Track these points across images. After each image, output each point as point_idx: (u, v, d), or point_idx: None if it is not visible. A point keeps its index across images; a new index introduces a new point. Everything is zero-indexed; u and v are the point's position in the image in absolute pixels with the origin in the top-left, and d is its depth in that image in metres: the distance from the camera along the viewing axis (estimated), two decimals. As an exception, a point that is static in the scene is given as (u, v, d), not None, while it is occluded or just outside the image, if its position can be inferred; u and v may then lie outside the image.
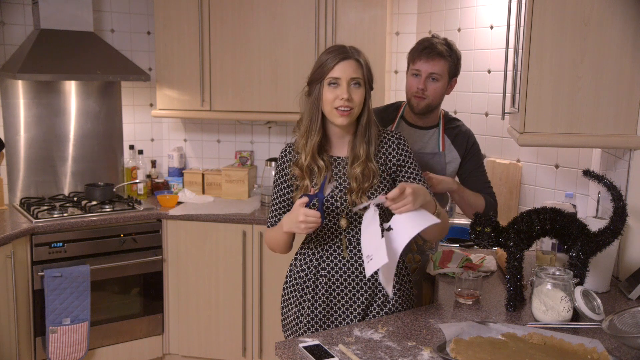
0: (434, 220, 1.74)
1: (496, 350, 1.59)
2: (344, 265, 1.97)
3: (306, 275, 2.00)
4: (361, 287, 1.97)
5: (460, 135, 2.51)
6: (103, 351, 3.49)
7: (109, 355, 3.52)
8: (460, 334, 1.68)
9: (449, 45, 2.42)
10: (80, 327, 3.29)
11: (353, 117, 1.89)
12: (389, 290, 1.82)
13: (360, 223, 1.90)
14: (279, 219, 2.03)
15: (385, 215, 1.90)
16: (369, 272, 1.79)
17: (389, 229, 1.79)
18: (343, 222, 1.95)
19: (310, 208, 1.84)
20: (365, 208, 1.85)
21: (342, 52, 1.88)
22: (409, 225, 1.75)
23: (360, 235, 1.92)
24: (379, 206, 1.83)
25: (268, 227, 2.10)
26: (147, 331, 3.63)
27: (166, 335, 3.70)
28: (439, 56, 2.37)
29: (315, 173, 1.94)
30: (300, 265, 2.03)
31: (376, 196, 1.90)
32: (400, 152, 1.98)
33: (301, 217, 1.81)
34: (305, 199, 1.83)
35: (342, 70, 1.86)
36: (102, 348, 3.49)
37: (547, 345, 1.64)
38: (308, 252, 2.02)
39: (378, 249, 1.75)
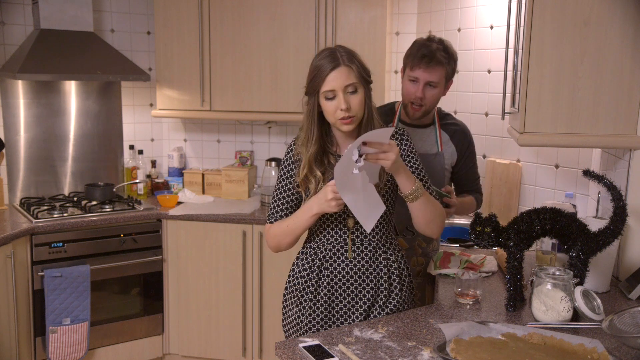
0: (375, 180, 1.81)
1: (496, 350, 1.59)
2: (347, 265, 1.96)
3: (308, 275, 1.99)
4: (363, 288, 1.96)
5: (458, 132, 2.54)
6: (103, 351, 3.49)
7: (109, 355, 3.52)
8: (460, 334, 1.68)
9: (445, 49, 2.36)
10: (80, 327, 3.29)
11: (357, 122, 1.87)
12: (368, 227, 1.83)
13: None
14: (283, 214, 1.99)
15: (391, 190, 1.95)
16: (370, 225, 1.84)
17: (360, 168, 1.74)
18: (350, 222, 1.94)
19: None
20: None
21: (332, 61, 1.82)
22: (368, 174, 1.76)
23: (365, 235, 1.94)
24: (362, 156, 1.73)
25: (272, 222, 2.02)
26: (147, 331, 3.63)
27: (166, 335, 3.70)
28: (438, 64, 2.33)
29: (312, 183, 1.91)
30: (303, 265, 2.01)
31: (386, 192, 1.94)
32: (403, 147, 1.96)
33: (330, 195, 1.77)
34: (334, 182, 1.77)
35: (335, 81, 1.80)
36: (102, 348, 3.49)
37: (547, 345, 1.64)
38: (311, 251, 2.01)
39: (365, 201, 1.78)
